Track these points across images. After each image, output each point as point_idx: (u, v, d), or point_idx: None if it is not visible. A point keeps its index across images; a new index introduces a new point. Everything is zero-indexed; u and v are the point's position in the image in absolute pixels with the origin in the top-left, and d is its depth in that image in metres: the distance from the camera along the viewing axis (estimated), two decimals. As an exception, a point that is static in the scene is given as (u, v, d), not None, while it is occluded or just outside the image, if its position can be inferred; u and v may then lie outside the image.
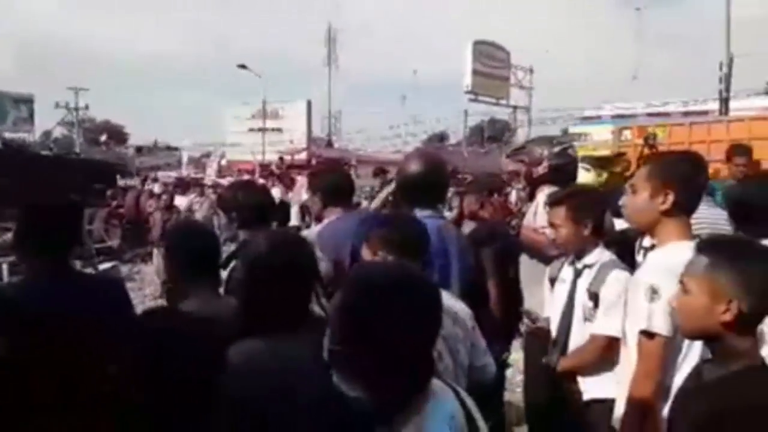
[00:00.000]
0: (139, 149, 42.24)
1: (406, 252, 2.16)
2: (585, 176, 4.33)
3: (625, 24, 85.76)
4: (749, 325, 1.67)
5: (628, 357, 2.31)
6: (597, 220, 2.95)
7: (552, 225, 3.01)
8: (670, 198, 2.25)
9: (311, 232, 3.22)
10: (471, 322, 2.34)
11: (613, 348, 2.61)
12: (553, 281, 3.10)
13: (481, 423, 1.60)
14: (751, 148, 5.53)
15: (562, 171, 3.74)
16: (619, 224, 3.33)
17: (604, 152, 16.63)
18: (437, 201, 2.96)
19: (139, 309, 2.40)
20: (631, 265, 2.93)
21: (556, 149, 3.79)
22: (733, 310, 1.63)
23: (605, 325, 2.73)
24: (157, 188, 15.15)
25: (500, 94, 28.78)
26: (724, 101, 19.98)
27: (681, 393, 1.82)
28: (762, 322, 1.72)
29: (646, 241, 3.05)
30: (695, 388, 1.74)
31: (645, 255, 3.02)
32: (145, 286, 10.40)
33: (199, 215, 11.85)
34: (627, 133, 16.01)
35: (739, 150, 5.44)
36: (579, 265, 2.92)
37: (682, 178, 2.30)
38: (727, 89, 19.76)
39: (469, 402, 1.62)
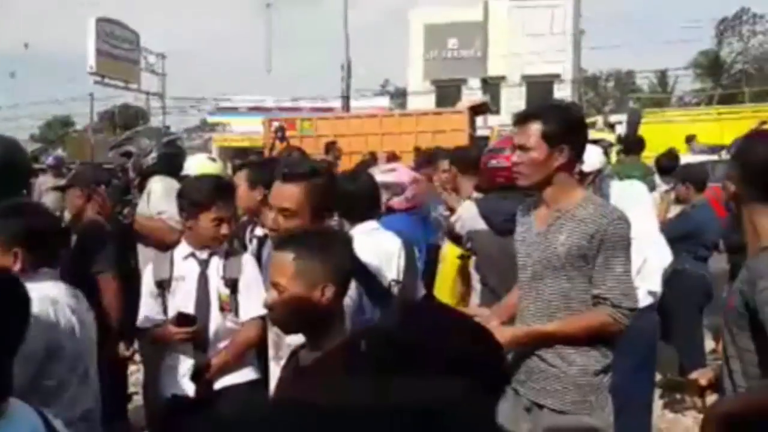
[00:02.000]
0: None
1: None
2: (211, 167, 4.27)
3: (259, 18, 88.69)
4: (339, 304, 1.85)
5: (275, 338, 2.37)
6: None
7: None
8: None
9: None
10: None
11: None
12: (161, 283, 2.90)
13: None
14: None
15: (172, 162, 3.87)
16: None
17: (249, 144, 17.20)
18: (15, 192, 2.51)
19: None
20: None
21: (165, 140, 3.93)
22: (328, 293, 1.79)
23: (258, 306, 2.67)
24: None
25: (130, 78, 27.09)
26: (346, 99, 22.28)
27: (281, 382, 1.89)
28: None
29: (258, 231, 3.14)
30: (296, 375, 1.81)
31: (256, 243, 3.10)
32: None
33: None
34: (276, 125, 17.13)
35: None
36: (203, 256, 2.83)
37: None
38: (348, 89, 22.00)
39: (56, 422, 1.52)
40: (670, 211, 4.96)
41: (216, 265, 2.82)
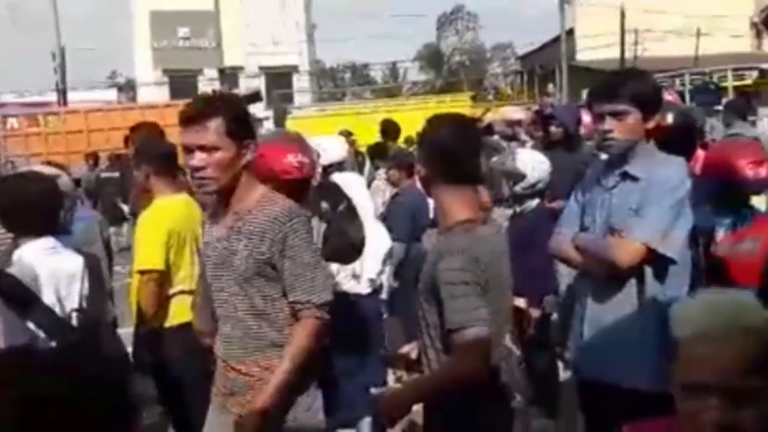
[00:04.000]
0: None
1: None
2: None
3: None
4: None
5: None
6: None
7: None
8: None
9: None
10: None
11: None
12: None
13: None
14: None
15: None
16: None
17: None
18: None
19: None
20: None
21: None
22: None
23: None
24: None
25: None
26: (62, 93, 20.14)
27: None
28: None
29: None
30: None
31: None
32: None
33: None
34: (14, 122, 15.37)
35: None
36: None
37: None
38: (63, 80, 19.87)
39: None
40: (386, 195, 5.18)
41: None
